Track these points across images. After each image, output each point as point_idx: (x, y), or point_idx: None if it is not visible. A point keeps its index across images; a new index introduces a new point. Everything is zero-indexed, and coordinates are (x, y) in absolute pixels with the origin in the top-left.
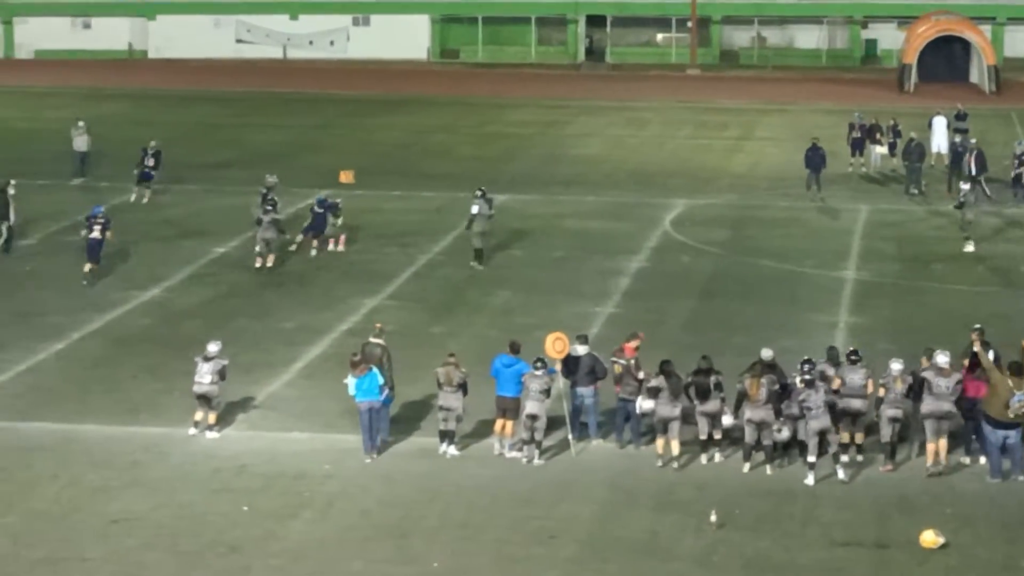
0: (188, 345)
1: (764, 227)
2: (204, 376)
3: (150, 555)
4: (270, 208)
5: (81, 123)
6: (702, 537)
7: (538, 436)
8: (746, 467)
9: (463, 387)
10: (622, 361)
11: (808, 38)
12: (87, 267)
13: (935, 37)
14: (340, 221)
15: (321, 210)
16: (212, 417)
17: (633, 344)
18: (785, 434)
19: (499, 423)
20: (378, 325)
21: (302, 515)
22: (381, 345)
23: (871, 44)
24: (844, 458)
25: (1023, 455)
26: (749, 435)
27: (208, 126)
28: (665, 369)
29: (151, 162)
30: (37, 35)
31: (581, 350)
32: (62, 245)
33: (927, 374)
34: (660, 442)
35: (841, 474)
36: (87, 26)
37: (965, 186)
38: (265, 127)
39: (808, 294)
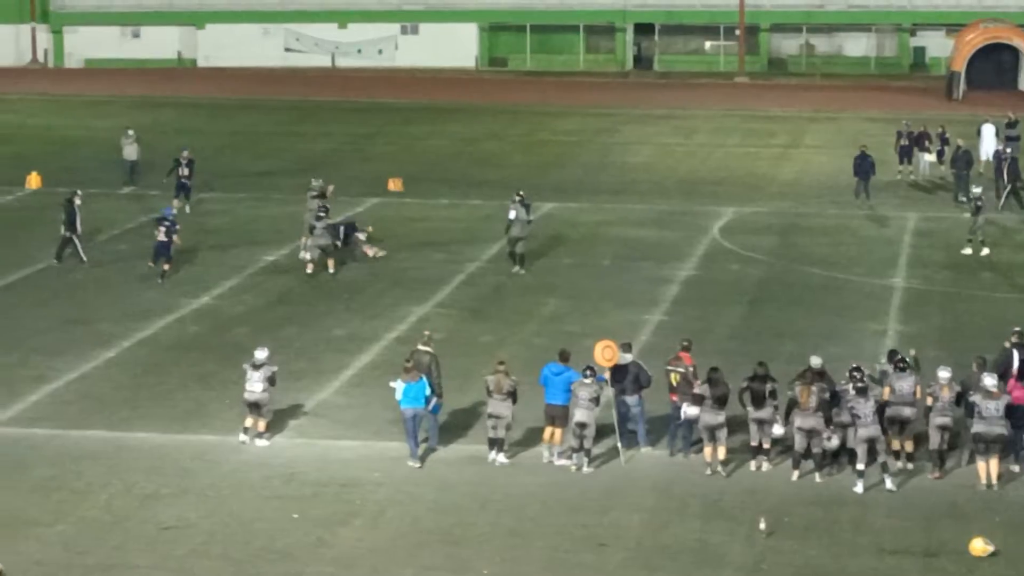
0: (238, 353)
1: (813, 235)
2: (255, 384)
3: (201, 562)
4: (323, 215)
5: (130, 132)
6: (751, 545)
7: (587, 444)
8: (795, 475)
9: (512, 395)
10: (680, 369)
11: (856, 46)
12: (162, 266)
13: (984, 44)
14: (364, 236)
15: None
16: (262, 424)
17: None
18: (835, 442)
19: (548, 431)
20: (427, 333)
21: (352, 522)
22: (430, 352)
23: (919, 52)
24: (897, 464)
25: None
26: (799, 443)
27: (257, 134)
28: (712, 377)
29: (186, 171)
30: (87, 44)
31: (626, 358)
32: (112, 253)
33: (975, 398)
34: (708, 450)
35: (889, 484)
36: (136, 35)
37: (977, 189)
38: (314, 135)
39: (857, 302)
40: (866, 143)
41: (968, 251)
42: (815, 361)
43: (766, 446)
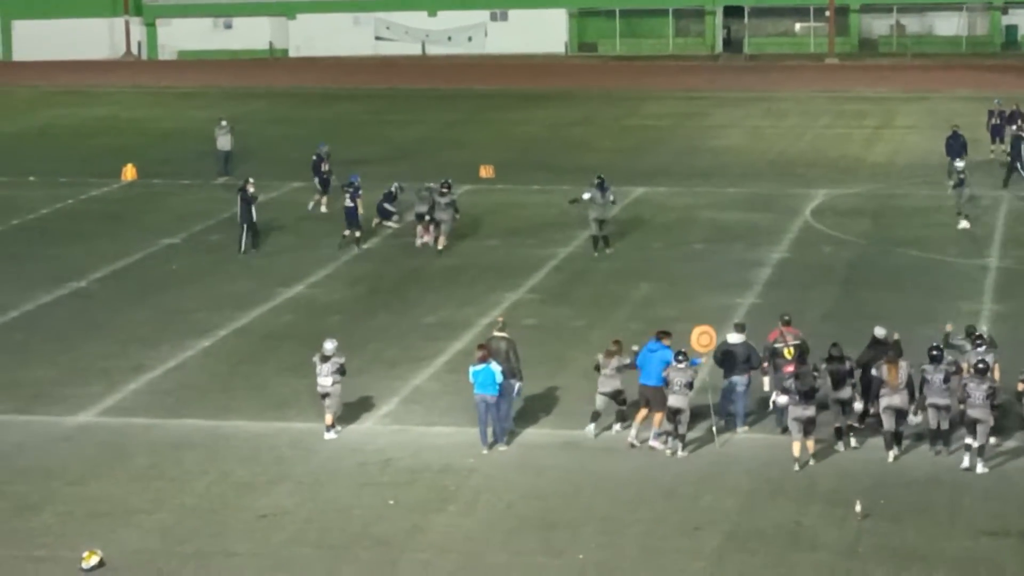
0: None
1: (905, 216)
2: (325, 377)
3: (298, 550)
4: (446, 191)
5: (224, 122)
6: (847, 528)
7: (681, 429)
8: (891, 456)
9: (621, 371)
10: (795, 342)
11: (947, 25)
12: (354, 234)
13: None
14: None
15: (352, 204)
16: (329, 418)
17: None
18: (919, 419)
19: (641, 412)
20: (500, 319)
21: (447, 508)
22: (506, 338)
23: (1011, 30)
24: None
25: None
26: (888, 422)
27: (349, 123)
28: (800, 371)
29: (326, 167)
30: (180, 36)
31: (738, 338)
32: (207, 244)
33: None
34: (796, 445)
35: (967, 462)
36: (228, 26)
37: (960, 163)
38: (405, 123)
39: (951, 283)
40: (958, 123)
41: (965, 225)
42: (879, 331)
43: (850, 423)
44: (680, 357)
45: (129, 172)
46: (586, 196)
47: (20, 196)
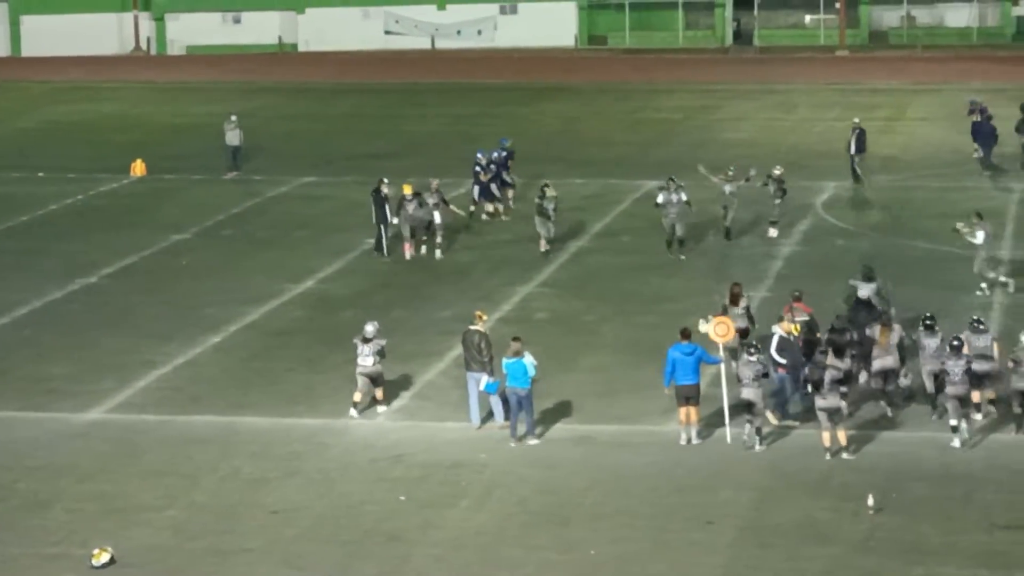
0: (343, 336)
1: (917, 208)
2: (367, 358)
3: (310, 545)
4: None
5: (233, 117)
6: (860, 522)
7: (757, 423)
8: (889, 411)
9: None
10: (803, 318)
11: (958, 16)
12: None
13: None
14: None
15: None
16: (380, 393)
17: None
18: (908, 380)
19: (683, 412)
20: (478, 312)
21: (460, 504)
22: (479, 331)
23: (1022, 21)
24: (977, 417)
25: None
26: (878, 383)
27: (359, 118)
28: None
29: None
30: (189, 31)
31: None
32: (218, 239)
33: None
34: (826, 435)
35: (956, 443)
36: (237, 21)
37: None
38: (416, 117)
39: (962, 274)
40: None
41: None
42: (863, 292)
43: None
44: (752, 350)
45: (138, 168)
46: (660, 199)
47: (29, 192)
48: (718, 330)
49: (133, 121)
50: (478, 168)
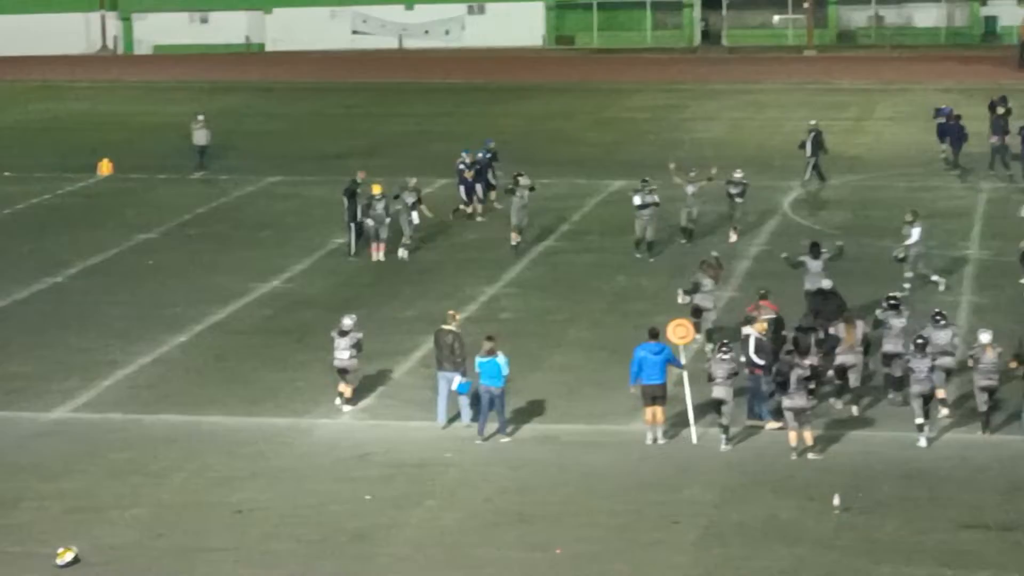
0: (309, 336)
1: (885, 208)
2: (343, 351)
3: (275, 544)
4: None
5: (200, 117)
6: (826, 521)
7: (725, 421)
8: (839, 403)
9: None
10: (770, 315)
11: (926, 16)
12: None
13: None
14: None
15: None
16: (348, 391)
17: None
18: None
19: (649, 412)
20: (451, 312)
21: (425, 503)
22: (452, 331)
23: (991, 21)
24: (944, 411)
25: None
26: (840, 377)
27: (326, 117)
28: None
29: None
30: (156, 31)
31: (744, 331)
32: (184, 239)
33: None
34: (792, 434)
35: (922, 442)
36: (205, 20)
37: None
38: (383, 117)
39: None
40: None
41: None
42: (826, 283)
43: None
44: (724, 348)
45: (105, 167)
46: (636, 200)
47: None
48: (677, 332)
49: (100, 120)
50: (462, 166)
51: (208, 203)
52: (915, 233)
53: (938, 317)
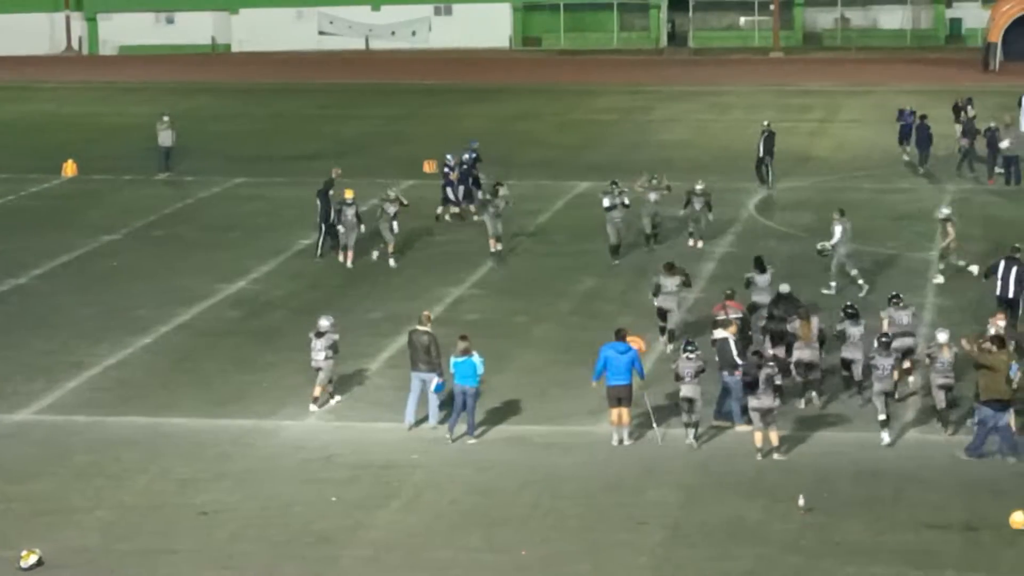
0: (275, 337)
1: (849, 209)
2: (319, 352)
3: (240, 546)
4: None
5: (166, 118)
6: (791, 521)
7: (695, 419)
8: (802, 403)
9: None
10: (738, 315)
11: (892, 18)
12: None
13: (1020, 15)
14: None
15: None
16: (318, 390)
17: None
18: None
19: (615, 413)
20: (425, 313)
21: (390, 505)
22: (428, 332)
23: (955, 23)
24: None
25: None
26: (799, 374)
27: (292, 118)
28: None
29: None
30: (121, 31)
31: (721, 334)
32: (149, 240)
33: None
34: (758, 435)
35: (886, 439)
36: (170, 21)
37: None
38: (349, 118)
39: (893, 276)
40: (926, 112)
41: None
42: (784, 288)
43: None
44: (689, 347)
45: (70, 168)
46: (606, 203)
47: None
48: (633, 344)
49: (64, 121)
50: (447, 169)
51: (173, 204)
52: (837, 231)
53: (896, 299)
